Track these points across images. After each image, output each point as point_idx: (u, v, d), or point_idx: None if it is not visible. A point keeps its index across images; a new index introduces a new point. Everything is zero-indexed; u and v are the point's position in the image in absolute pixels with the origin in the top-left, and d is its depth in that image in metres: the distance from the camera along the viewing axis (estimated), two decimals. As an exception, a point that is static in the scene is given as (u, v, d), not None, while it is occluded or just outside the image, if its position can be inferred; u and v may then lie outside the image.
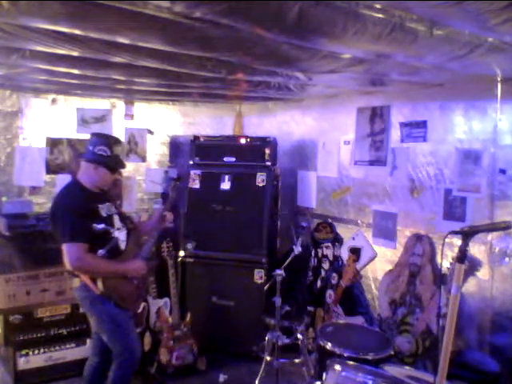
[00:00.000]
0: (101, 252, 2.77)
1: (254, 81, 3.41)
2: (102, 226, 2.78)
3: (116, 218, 2.95)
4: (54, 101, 4.38)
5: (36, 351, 3.65)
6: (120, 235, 2.92)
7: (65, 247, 2.69)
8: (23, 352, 3.60)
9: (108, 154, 2.87)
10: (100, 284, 2.74)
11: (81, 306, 3.09)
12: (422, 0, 1.66)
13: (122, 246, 2.94)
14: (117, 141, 2.99)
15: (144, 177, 4.92)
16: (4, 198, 4.11)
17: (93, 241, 2.73)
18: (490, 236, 3.09)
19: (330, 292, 4.05)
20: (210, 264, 4.20)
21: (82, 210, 2.75)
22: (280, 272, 3.19)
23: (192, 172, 4.38)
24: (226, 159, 4.38)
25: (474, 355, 3.14)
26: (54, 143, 4.37)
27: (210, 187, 4.32)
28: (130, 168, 4.80)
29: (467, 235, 1.70)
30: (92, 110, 4.57)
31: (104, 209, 2.87)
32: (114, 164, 2.93)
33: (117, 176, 3.11)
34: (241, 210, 4.21)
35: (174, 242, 4.05)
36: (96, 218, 2.78)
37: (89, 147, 2.90)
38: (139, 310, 3.83)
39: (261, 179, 4.21)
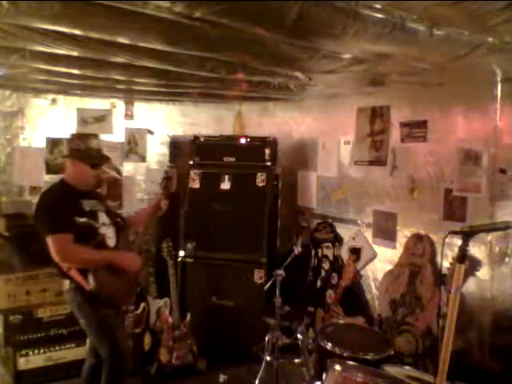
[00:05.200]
0: None
1: (254, 81, 3.41)
2: (83, 219, 2.78)
3: (102, 215, 2.94)
4: (53, 101, 4.38)
5: (36, 351, 3.65)
6: (107, 232, 2.92)
7: (49, 240, 2.67)
8: (23, 352, 3.60)
9: (81, 147, 2.93)
10: (91, 279, 2.71)
11: (70, 308, 3.05)
12: (422, 0, 1.66)
13: (111, 242, 2.93)
14: (91, 135, 3.04)
15: (144, 177, 4.92)
16: (3, 198, 4.10)
17: (77, 235, 2.72)
18: (490, 236, 3.08)
19: (330, 292, 4.05)
20: (210, 264, 4.19)
21: (62, 203, 2.76)
22: (280, 272, 3.19)
23: (192, 172, 4.38)
24: (225, 159, 4.38)
25: (474, 355, 3.14)
26: (54, 143, 4.36)
27: (210, 187, 4.31)
28: (129, 168, 4.81)
29: (467, 235, 1.70)
30: (92, 110, 4.56)
31: (88, 204, 2.87)
32: (91, 158, 2.92)
33: (112, 177, 3.13)
34: (241, 210, 4.21)
35: (174, 241, 4.05)
36: (78, 211, 2.78)
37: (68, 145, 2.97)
38: (139, 311, 3.83)
39: (261, 179, 4.21)
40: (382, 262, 3.92)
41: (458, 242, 1.72)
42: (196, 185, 4.35)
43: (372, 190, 4.03)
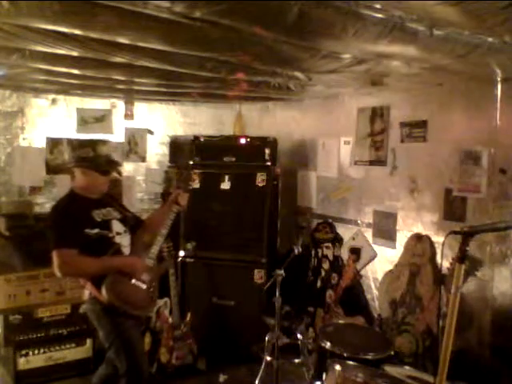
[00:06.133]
0: None
1: (254, 81, 3.41)
2: (95, 231, 2.71)
3: (115, 223, 2.86)
4: (53, 101, 4.38)
5: (36, 351, 3.65)
6: (122, 240, 2.85)
7: (52, 255, 2.61)
8: (23, 352, 3.61)
9: (91, 155, 2.80)
10: (104, 291, 2.66)
11: (90, 320, 2.92)
12: (422, 0, 1.66)
13: (126, 251, 2.88)
14: (100, 141, 2.92)
15: (144, 177, 4.92)
16: (3, 198, 4.10)
17: (90, 247, 2.66)
18: (490, 236, 3.08)
19: (330, 292, 4.05)
20: (210, 264, 4.19)
21: (69, 218, 2.67)
22: (280, 272, 3.19)
23: (192, 172, 4.38)
24: (225, 159, 4.38)
25: (473, 355, 3.14)
26: (53, 143, 4.36)
27: (210, 187, 4.31)
28: (130, 168, 4.81)
29: (467, 235, 1.70)
30: (92, 110, 4.57)
31: (99, 214, 2.79)
32: (101, 165, 2.83)
33: (113, 177, 3.04)
34: (241, 210, 4.21)
35: (173, 241, 4.05)
36: (88, 223, 2.71)
37: (75, 152, 2.88)
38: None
39: (261, 179, 4.21)
40: (382, 262, 3.92)
41: (458, 241, 1.72)
42: (196, 185, 4.35)
43: (372, 190, 4.03)
